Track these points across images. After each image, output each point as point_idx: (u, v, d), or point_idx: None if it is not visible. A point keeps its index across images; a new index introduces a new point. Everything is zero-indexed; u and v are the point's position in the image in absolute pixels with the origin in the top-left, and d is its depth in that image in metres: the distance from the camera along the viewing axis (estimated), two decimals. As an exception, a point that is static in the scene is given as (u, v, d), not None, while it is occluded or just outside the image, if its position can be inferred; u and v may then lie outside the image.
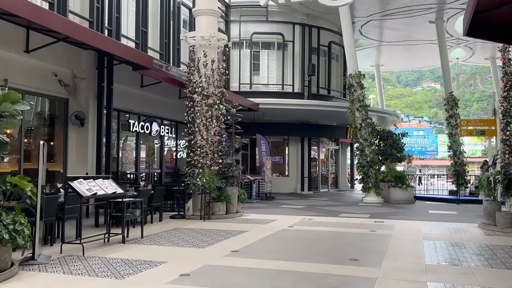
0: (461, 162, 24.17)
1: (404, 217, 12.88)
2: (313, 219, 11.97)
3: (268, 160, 19.64)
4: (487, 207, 10.18)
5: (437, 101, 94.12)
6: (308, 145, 24.11)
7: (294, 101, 21.22)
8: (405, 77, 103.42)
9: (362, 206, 16.50)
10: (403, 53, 32.29)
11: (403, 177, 18.52)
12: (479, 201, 18.04)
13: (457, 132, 24.33)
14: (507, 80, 10.16)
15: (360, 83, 18.74)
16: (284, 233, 9.40)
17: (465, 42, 28.64)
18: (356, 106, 18.73)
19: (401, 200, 18.03)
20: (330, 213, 13.85)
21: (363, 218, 12.45)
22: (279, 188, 22.97)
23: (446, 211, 14.65)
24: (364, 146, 18.68)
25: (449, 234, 9.35)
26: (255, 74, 23.60)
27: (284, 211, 14.20)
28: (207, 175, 11.79)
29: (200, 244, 8.01)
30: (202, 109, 12.47)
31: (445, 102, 24.78)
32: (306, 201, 18.18)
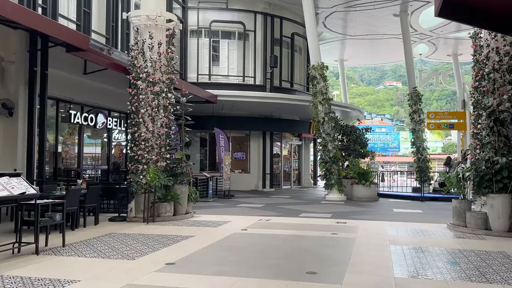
0: (424, 158, 23.82)
1: (368, 216, 12.00)
2: (270, 220, 10.87)
3: (227, 156, 18.43)
4: (456, 207, 9.38)
5: (399, 99, 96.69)
6: (270, 141, 23.07)
7: (255, 94, 20.07)
8: (368, 75, 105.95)
9: (324, 204, 15.58)
10: (367, 48, 31.80)
11: (366, 173, 17.77)
12: (443, 199, 17.53)
13: (421, 128, 23.99)
14: (479, 69, 9.38)
15: (323, 75, 17.80)
16: (235, 238, 8.23)
17: (428, 37, 28.41)
18: (319, 99, 17.79)
19: (364, 197, 17.28)
20: (290, 212, 12.81)
21: (324, 218, 11.47)
22: (240, 185, 21.84)
23: (411, 210, 13.92)
24: (327, 141, 17.79)
25: (417, 237, 8.46)
26: (214, 65, 22.29)
27: (241, 211, 13.05)
28: (152, 172, 10.45)
29: (131, 254, 6.71)
30: (147, 97, 11.09)
31: (409, 97, 24.34)
32: (267, 199, 17.11)
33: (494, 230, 8.58)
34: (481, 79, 9.28)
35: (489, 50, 9.18)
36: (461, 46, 30.28)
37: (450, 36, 28.02)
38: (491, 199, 8.57)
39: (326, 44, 30.13)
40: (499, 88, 8.95)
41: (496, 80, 8.97)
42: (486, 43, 9.26)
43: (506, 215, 8.46)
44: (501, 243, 7.89)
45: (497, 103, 8.87)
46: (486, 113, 8.96)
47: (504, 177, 8.44)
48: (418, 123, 23.98)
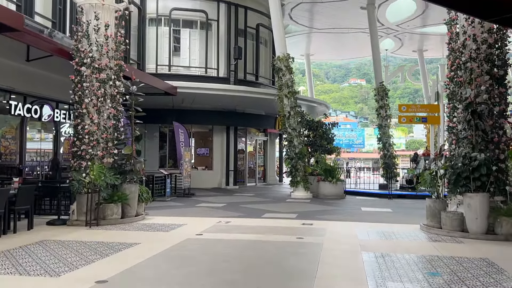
0: (391, 154, 23.46)
1: (335, 216, 11.22)
2: (230, 222, 9.88)
3: (187, 151, 17.27)
4: (430, 206, 8.70)
5: (363, 96, 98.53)
6: (235, 136, 22.05)
7: (218, 86, 18.97)
8: (333, 73, 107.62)
9: (289, 203, 14.74)
10: (333, 42, 31.29)
11: (333, 170, 17.07)
12: (411, 196, 17.08)
13: (387, 123, 23.61)
14: (454, 58, 8.71)
15: (289, 67, 16.94)
16: (187, 246, 7.19)
17: (394, 32, 28.13)
18: (284, 92, 16.93)
19: (331, 195, 16.57)
20: (252, 212, 11.87)
21: (289, 219, 10.59)
22: (202, 183, 20.74)
23: (380, 208, 13.28)
24: (293, 136, 16.96)
25: (390, 241, 7.69)
26: (175, 55, 21.03)
27: (200, 212, 12.00)
28: (97, 169, 9.23)
29: (58, 268, 5.56)
30: (92, 85, 9.84)
31: (375, 92, 23.91)
32: (229, 198, 16.11)
33: (471, 232, 7.93)
34: (457, 69, 8.61)
35: (465, 37, 8.52)
36: (426, 42, 30.26)
37: (416, 31, 27.85)
38: (469, 198, 7.92)
39: (292, 38, 29.34)
40: (476, 78, 8.30)
41: (473, 70, 8.32)
42: (462, 30, 8.59)
43: (484, 216, 7.83)
44: (480, 247, 7.22)
45: (474, 95, 8.21)
46: (463, 106, 8.30)
47: (483, 175, 7.79)
48: (384, 119, 23.58)
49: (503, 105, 8.35)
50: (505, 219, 7.71)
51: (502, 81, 8.36)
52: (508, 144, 8.35)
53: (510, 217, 7.69)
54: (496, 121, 8.30)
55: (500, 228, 7.76)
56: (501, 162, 8.18)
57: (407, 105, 10.41)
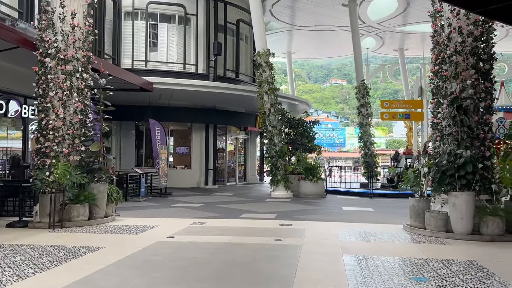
0: (372, 153, 23.24)
1: (316, 216, 10.82)
2: (206, 223, 9.35)
3: (164, 150, 16.65)
4: (414, 206, 8.34)
5: (344, 97, 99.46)
6: (214, 134, 21.50)
7: (196, 82, 18.39)
8: (314, 73, 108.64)
9: (269, 202, 14.30)
10: (315, 40, 31.02)
11: (314, 169, 16.70)
12: (392, 195, 16.85)
13: (368, 122, 23.39)
14: (439, 51, 8.37)
15: (269, 63, 16.50)
16: (156, 250, 6.65)
17: (376, 30, 28.00)
18: (265, 89, 16.48)
19: (312, 194, 16.21)
20: (230, 213, 11.37)
21: (268, 219, 10.12)
22: (180, 182, 20.17)
23: (361, 208, 12.94)
24: (273, 134, 16.53)
25: (373, 243, 7.29)
26: (152, 50, 20.36)
27: (175, 212, 11.44)
28: (62, 168, 8.60)
29: (5, 277, 4.96)
30: (57, 77, 9.19)
31: (357, 91, 23.64)
32: (207, 198, 15.57)
33: (456, 233, 7.60)
34: (442, 63, 8.27)
35: (450, 30, 8.19)
36: (407, 41, 30.24)
37: (397, 30, 27.76)
38: (454, 197, 7.58)
39: (273, 35, 28.96)
40: (462, 72, 7.98)
41: (459, 63, 7.99)
42: (447, 22, 8.26)
43: (470, 216, 7.50)
44: (467, 248, 6.88)
45: (459, 90, 7.88)
46: (448, 101, 7.97)
47: (469, 173, 7.47)
48: (365, 117, 23.32)
49: (489, 100, 8.05)
50: (491, 218, 7.40)
51: (488, 75, 8.07)
52: (494, 141, 8.06)
53: (496, 217, 7.39)
54: (481, 117, 8.00)
55: (485, 228, 7.45)
56: (487, 159, 7.89)
57: (390, 101, 10.00)
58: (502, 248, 6.93)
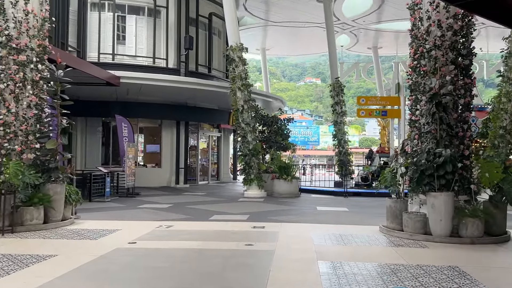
0: (346, 151, 23.10)
1: (289, 217, 10.38)
2: (173, 226, 8.75)
3: (131, 147, 15.88)
4: (391, 207, 7.99)
5: (318, 95, 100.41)
6: (186, 131, 20.79)
7: (166, 77, 17.65)
8: (289, 72, 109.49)
9: (242, 202, 13.80)
10: (289, 36, 30.67)
11: (288, 167, 16.28)
12: (366, 194, 16.62)
13: (343, 120, 23.21)
14: (417, 45, 8.03)
15: (242, 58, 15.97)
16: (115, 258, 6.03)
17: (350, 27, 27.86)
18: (238, 84, 15.95)
19: (286, 193, 15.79)
20: (200, 214, 10.79)
21: (240, 221, 9.61)
22: (150, 181, 19.44)
23: (336, 208, 12.59)
24: (247, 132, 16.03)
25: (349, 247, 6.88)
26: (120, 43, 19.50)
27: (141, 214, 10.78)
28: (13, 167, 7.83)
29: None
30: (8, 68, 8.40)
31: (331, 88, 23.43)
32: (177, 198, 14.93)
33: (435, 235, 7.27)
34: (421, 58, 7.94)
35: (430, 23, 7.86)
36: (381, 39, 30.26)
37: (371, 27, 27.70)
38: (433, 198, 7.25)
39: (247, 31, 28.45)
40: (441, 68, 7.66)
41: (438, 58, 7.67)
42: (426, 15, 7.92)
43: (449, 217, 7.19)
44: (447, 252, 6.54)
45: (438, 86, 7.56)
46: (427, 97, 7.63)
47: (448, 172, 7.15)
48: (340, 115, 23.16)
49: (468, 97, 7.77)
50: (471, 220, 7.11)
51: (467, 71, 7.79)
52: (473, 139, 7.78)
53: (476, 218, 7.10)
54: (460, 115, 7.71)
55: (465, 230, 7.15)
56: (466, 158, 7.60)
57: (367, 97, 9.62)
58: (482, 251, 6.64)
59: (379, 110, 9.37)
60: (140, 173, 19.61)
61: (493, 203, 7.45)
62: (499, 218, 7.40)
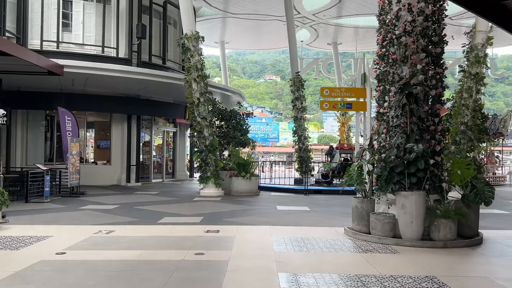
0: (306, 148, 22.58)
1: (247, 219, 9.55)
2: (114, 231, 7.69)
3: (75, 143, 14.52)
4: (357, 207, 7.32)
5: (278, 92, 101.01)
6: (138, 126, 19.50)
7: (115, 67, 16.31)
8: (249, 68, 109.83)
9: (197, 202, 12.84)
10: (249, 30, 29.81)
11: (247, 164, 15.46)
12: (327, 191, 16.07)
13: (303, 116, 22.66)
14: (386, 32, 7.39)
15: (198, 47, 14.94)
16: (33, 274, 4.95)
17: (310, 22, 27.36)
18: (193, 75, 14.92)
19: (244, 191, 14.99)
20: (148, 216, 9.75)
21: (192, 224, 8.67)
22: (100, 179, 18.11)
23: (296, 207, 11.88)
24: (203, 126, 15.06)
25: (313, 254, 6.12)
26: (65, 30, 17.93)
27: (81, 217, 9.60)
28: None
29: None
30: None
31: (291, 83, 22.81)
32: (126, 197, 13.76)
33: (405, 238, 6.65)
34: (390, 45, 7.30)
35: (399, 7, 7.22)
36: (341, 34, 30.00)
37: (331, 22, 27.32)
38: (403, 198, 6.62)
39: (206, 22, 27.32)
40: (412, 55, 7.04)
41: (408, 45, 7.05)
42: (396, -2, 7.29)
43: (420, 219, 6.59)
44: (421, 259, 5.89)
45: (410, 75, 6.93)
46: (397, 87, 6.99)
47: (420, 170, 6.54)
48: (300, 111, 22.59)
49: (440, 88, 7.20)
50: (443, 222, 6.53)
51: (439, 60, 7.22)
52: (444, 134, 7.24)
53: (449, 220, 6.54)
54: (431, 107, 7.12)
55: (437, 233, 6.57)
56: (437, 154, 7.03)
57: (330, 88, 8.82)
58: (458, 256, 6.07)
59: (343, 103, 8.68)
60: (89, 171, 18.23)
61: (466, 202, 6.93)
62: (471, 218, 6.88)
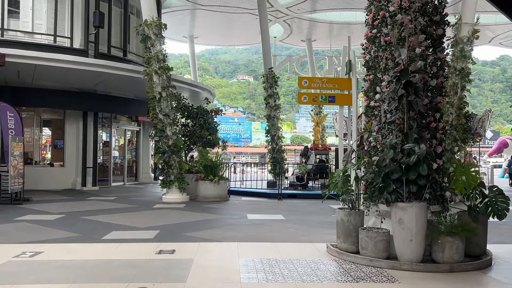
0: (280, 148, 21.35)
1: (212, 232, 8.12)
2: (42, 252, 6.13)
3: (18, 142, 12.71)
4: (344, 221, 6.02)
5: (250, 93, 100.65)
6: (95, 124, 17.69)
7: (67, 57, 14.52)
8: (222, 68, 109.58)
9: (157, 210, 11.33)
10: (220, 24, 28.37)
11: (215, 167, 14.02)
12: (302, 195, 14.85)
13: (276, 114, 21.42)
14: (378, 8, 6.13)
15: (159, 35, 13.39)
16: None
17: (284, 16, 26.14)
18: (154, 67, 13.36)
19: (212, 196, 13.57)
20: (93, 230, 8.17)
21: (143, 241, 7.17)
22: (53, 183, 16.41)
23: (270, 215, 10.53)
24: (165, 124, 13.54)
25: (291, 285, 4.77)
26: (12, 17, 16.05)
27: (10, 232, 7.97)
28: None
29: None
30: None
31: (264, 79, 21.51)
32: (76, 205, 12.09)
33: (402, 260, 5.40)
34: (382, 24, 6.04)
35: (394, -22, 5.98)
36: (315, 31, 28.94)
37: (305, 17, 26.19)
38: (401, 210, 5.36)
39: (173, 14, 25.67)
40: (409, 37, 5.81)
41: (405, 25, 5.81)
42: (390, -33, 6.04)
43: (421, 236, 5.35)
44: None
45: (408, 59, 5.69)
46: (392, 75, 5.74)
47: (422, 176, 5.30)
48: (273, 109, 21.32)
49: (441, 77, 6.00)
50: (449, 240, 5.32)
51: (440, 43, 6.01)
52: (446, 132, 6.03)
53: (455, 237, 5.33)
54: (432, 99, 5.91)
55: (441, 253, 5.34)
56: (438, 157, 5.82)
57: (310, 78, 7.43)
58: (471, 285, 4.85)
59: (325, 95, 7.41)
60: (41, 174, 16.43)
61: (473, 215, 5.75)
62: (480, 234, 5.70)
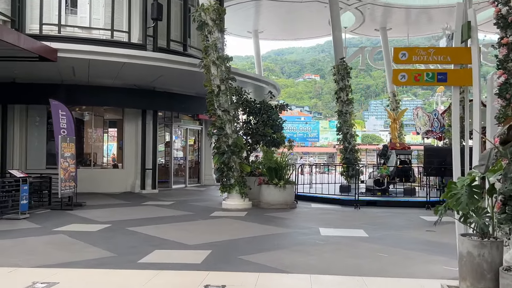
0: (353, 148, 19.16)
1: (275, 256, 6.34)
2: (57, 284, 4.74)
3: (69, 142, 11.84)
4: (472, 255, 3.91)
5: (317, 92, 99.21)
6: (154, 123, 16.69)
7: (121, 51, 13.52)
8: (288, 68, 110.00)
9: (214, 220, 9.80)
10: (286, 16, 26.56)
11: (281, 169, 12.26)
12: (383, 203, 12.67)
13: (349, 110, 19.28)
14: None
15: (218, 22, 11.88)
16: None
17: (356, 2, 23.71)
18: (212, 57, 11.88)
19: (277, 203, 11.86)
20: (134, 248, 6.74)
21: (188, 268, 5.57)
22: (111, 186, 15.68)
23: (348, 230, 8.56)
24: (224, 121, 12.01)
25: None
26: (70, 13, 15.37)
27: (37, 248, 6.78)
28: None
29: None
30: None
31: (335, 71, 19.44)
32: (128, 211, 10.94)
33: None
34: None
35: None
36: (390, 18, 26.14)
37: (379, 2, 23.59)
38: None
39: (236, 7, 24.30)
40: None
41: None
42: None
43: None
44: None
45: None
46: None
47: None
48: (346, 104, 19.20)
49: None
50: None
51: None
52: None
53: None
54: None
55: None
56: None
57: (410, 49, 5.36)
58: None
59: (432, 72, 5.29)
60: (100, 176, 15.76)
61: None
62: None
